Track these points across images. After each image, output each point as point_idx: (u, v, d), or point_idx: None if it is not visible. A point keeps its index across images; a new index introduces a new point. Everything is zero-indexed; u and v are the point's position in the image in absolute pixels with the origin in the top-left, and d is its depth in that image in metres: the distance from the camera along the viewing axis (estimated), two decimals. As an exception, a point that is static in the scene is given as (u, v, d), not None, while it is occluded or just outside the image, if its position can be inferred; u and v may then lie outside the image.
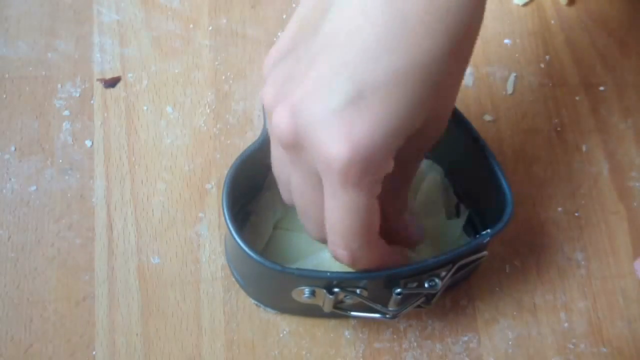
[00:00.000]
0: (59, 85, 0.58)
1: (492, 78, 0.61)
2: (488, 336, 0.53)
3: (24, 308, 0.52)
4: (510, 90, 0.60)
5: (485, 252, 0.48)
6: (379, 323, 0.53)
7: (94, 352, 0.51)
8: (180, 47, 0.60)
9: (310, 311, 0.50)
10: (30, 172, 0.56)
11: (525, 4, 0.63)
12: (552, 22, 0.63)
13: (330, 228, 0.39)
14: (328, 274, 0.45)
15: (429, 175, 0.53)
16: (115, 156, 0.56)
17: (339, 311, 0.48)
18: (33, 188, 0.55)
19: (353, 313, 0.49)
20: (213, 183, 0.56)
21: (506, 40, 0.62)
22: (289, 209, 0.52)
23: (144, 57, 0.60)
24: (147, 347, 0.51)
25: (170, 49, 0.60)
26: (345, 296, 0.46)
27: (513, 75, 0.61)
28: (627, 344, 0.53)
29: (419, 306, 0.49)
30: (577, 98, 0.61)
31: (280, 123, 0.36)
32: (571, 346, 0.53)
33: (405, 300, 0.47)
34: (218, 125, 0.58)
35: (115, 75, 0.59)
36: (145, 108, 0.58)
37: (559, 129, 0.60)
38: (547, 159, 0.59)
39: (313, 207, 0.40)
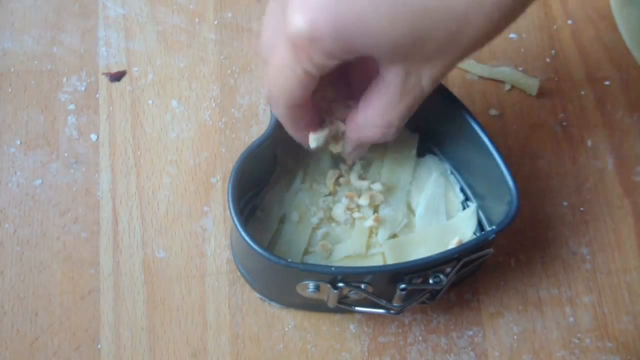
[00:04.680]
0: (65, 79, 0.58)
1: (497, 72, 0.61)
2: (493, 330, 0.53)
3: (30, 301, 0.52)
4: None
5: (490, 250, 0.47)
6: (384, 317, 0.53)
7: (99, 346, 0.51)
8: (186, 41, 0.60)
9: (315, 306, 0.50)
10: (35, 165, 0.56)
11: (531, -2, 0.63)
12: (558, 16, 0.63)
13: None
14: (332, 268, 0.45)
15: (435, 172, 0.53)
16: (120, 150, 0.56)
17: (344, 306, 0.48)
18: (38, 182, 0.55)
19: (357, 308, 0.49)
20: (218, 177, 0.56)
21: (512, 35, 0.62)
22: (295, 204, 0.52)
23: (150, 51, 0.60)
24: (152, 341, 0.51)
25: (176, 43, 0.60)
26: (350, 291, 0.46)
27: (519, 69, 0.61)
28: (633, 338, 0.53)
29: (423, 302, 0.49)
30: (582, 92, 0.61)
31: None
32: (576, 340, 0.53)
33: (410, 296, 0.47)
34: (223, 119, 0.58)
35: (121, 69, 0.59)
36: (150, 102, 0.58)
37: (564, 123, 0.59)
38: (553, 154, 0.59)
39: None
